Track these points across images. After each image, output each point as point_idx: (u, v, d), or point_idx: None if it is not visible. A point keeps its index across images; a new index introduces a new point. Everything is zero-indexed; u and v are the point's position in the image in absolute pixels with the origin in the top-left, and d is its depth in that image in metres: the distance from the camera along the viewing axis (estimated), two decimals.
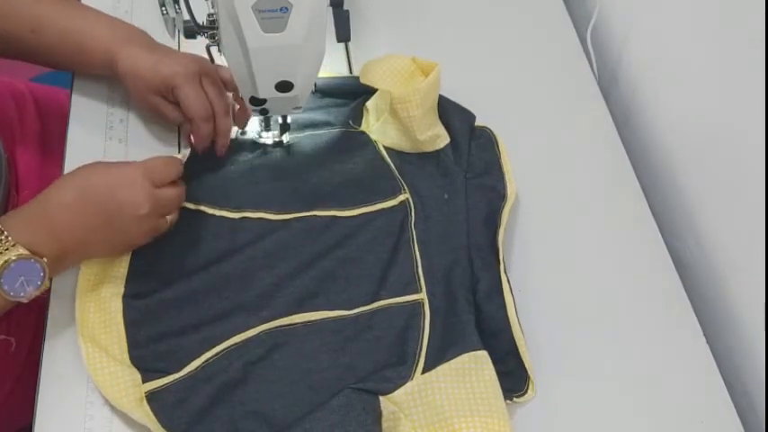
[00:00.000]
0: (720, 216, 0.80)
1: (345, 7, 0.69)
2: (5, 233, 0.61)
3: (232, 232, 0.74)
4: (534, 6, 0.99)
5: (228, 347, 0.67)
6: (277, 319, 0.69)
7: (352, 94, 0.85)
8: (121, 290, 0.70)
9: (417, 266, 0.73)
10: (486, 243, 0.75)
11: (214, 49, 0.75)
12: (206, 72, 0.76)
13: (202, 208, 0.75)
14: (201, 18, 0.72)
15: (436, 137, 0.80)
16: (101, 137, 0.81)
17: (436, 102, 0.80)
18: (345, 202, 0.76)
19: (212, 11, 0.70)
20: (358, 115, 0.83)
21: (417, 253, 0.74)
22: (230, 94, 0.79)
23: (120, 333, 0.68)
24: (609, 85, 0.98)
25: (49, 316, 0.69)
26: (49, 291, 0.71)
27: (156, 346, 0.67)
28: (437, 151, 0.80)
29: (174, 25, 0.77)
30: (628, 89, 0.95)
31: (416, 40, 0.94)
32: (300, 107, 0.76)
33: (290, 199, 0.76)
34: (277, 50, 0.67)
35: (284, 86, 0.71)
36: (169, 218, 0.70)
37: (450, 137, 0.81)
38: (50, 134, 0.94)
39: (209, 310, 0.69)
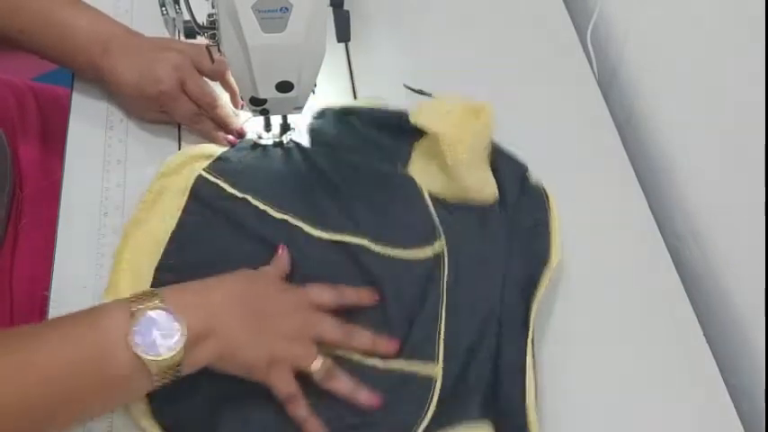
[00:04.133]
0: (720, 216, 0.80)
1: (345, 7, 0.69)
2: (157, 293, 0.58)
3: (272, 233, 0.73)
4: (534, 6, 0.99)
5: None
6: None
7: (401, 129, 0.81)
8: (156, 260, 0.72)
9: (440, 333, 0.69)
10: (518, 310, 0.71)
11: (214, 49, 0.75)
12: (186, 76, 0.79)
13: (248, 197, 0.75)
14: (201, 18, 0.72)
15: (484, 184, 0.76)
16: (101, 137, 0.81)
17: (487, 148, 0.77)
18: (380, 236, 0.73)
19: (212, 11, 0.70)
20: (406, 156, 0.81)
21: (443, 318, 0.70)
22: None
23: None
24: (609, 85, 0.98)
25: (49, 316, 0.69)
26: (48, 292, 0.71)
27: None
28: (482, 207, 0.76)
29: (174, 25, 0.77)
30: (628, 89, 0.95)
31: (416, 41, 0.94)
32: (301, 107, 0.76)
33: (327, 216, 0.75)
34: (277, 50, 0.67)
35: (284, 86, 0.71)
36: (318, 361, 0.64)
37: (498, 186, 0.77)
38: (52, 131, 0.94)
39: None
